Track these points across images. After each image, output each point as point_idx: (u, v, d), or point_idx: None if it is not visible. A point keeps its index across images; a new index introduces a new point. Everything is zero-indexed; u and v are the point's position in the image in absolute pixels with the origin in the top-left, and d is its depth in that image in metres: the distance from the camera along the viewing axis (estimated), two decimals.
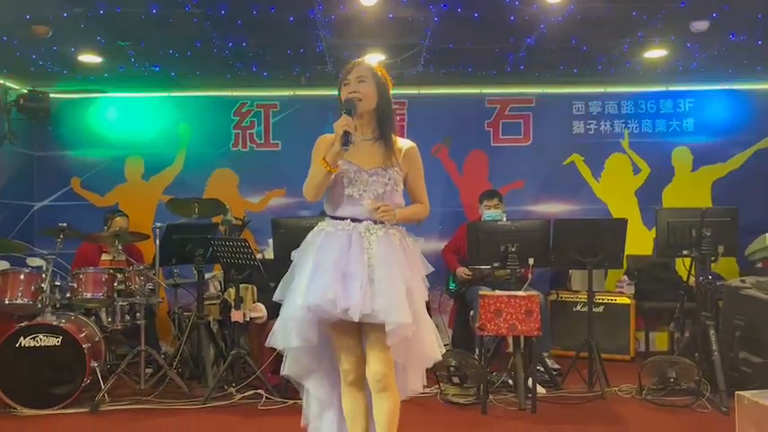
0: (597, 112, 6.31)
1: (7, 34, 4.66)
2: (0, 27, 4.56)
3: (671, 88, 6.25)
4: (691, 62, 5.33)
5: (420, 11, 4.32)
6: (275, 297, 2.61)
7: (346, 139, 2.41)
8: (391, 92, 2.63)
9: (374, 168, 2.54)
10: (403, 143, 2.65)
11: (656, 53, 5.18)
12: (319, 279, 2.42)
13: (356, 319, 2.38)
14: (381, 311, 2.37)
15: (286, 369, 2.61)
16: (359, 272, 2.41)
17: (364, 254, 2.45)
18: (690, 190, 6.18)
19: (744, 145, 6.22)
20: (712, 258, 4.34)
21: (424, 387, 2.75)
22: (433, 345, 2.60)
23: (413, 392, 2.69)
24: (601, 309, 5.55)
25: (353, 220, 2.51)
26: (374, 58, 5.25)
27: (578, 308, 5.48)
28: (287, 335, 2.50)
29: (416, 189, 2.68)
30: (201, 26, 4.52)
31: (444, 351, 2.77)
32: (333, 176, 2.50)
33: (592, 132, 6.31)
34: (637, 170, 6.27)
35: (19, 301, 4.32)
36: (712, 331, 4.19)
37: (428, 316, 2.64)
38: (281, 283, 2.59)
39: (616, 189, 6.25)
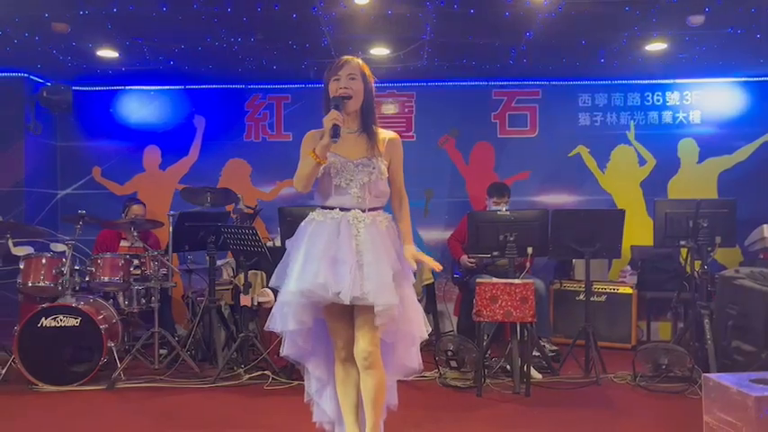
0: (603, 104, 6.34)
1: (29, 31, 4.85)
2: (22, 24, 4.75)
3: (678, 80, 6.26)
4: (692, 55, 5.34)
5: (417, 7, 4.40)
6: (271, 284, 2.78)
7: (335, 132, 2.55)
8: (373, 84, 2.76)
9: (360, 159, 2.68)
10: (386, 134, 2.79)
11: (656, 46, 5.19)
12: (310, 265, 2.56)
13: (347, 302, 2.53)
14: (370, 294, 2.51)
15: (284, 350, 2.77)
16: (348, 257, 2.56)
17: (353, 240, 2.59)
18: (696, 182, 6.20)
19: (751, 137, 6.21)
20: (709, 249, 4.43)
21: (421, 368, 2.86)
22: (419, 324, 2.74)
23: (410, 371, 2.82)
24: (603, 298, 5.65)
25: (342, 209, 2.65)
26: (378, 52, 5.38)
27: (580, 297, 5.55)
28: (284, 318, 2.64)
29: (397, 178, 2.81)
30: (210, 23, 4.65)
31: (430, 330, 2.91)
32: (321, 168, 2.64)
33: (597, 124, 6.34)
34: (642, 162, 6.30)
35: (41, 284, 4.53)
36: (706, 320, 4.29)
37: (415, 297, 2.78)
38: (276, 270, 2.75)
39: (621, 180, 6.29)
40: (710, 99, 6.28)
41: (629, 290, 5.65)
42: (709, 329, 4.25)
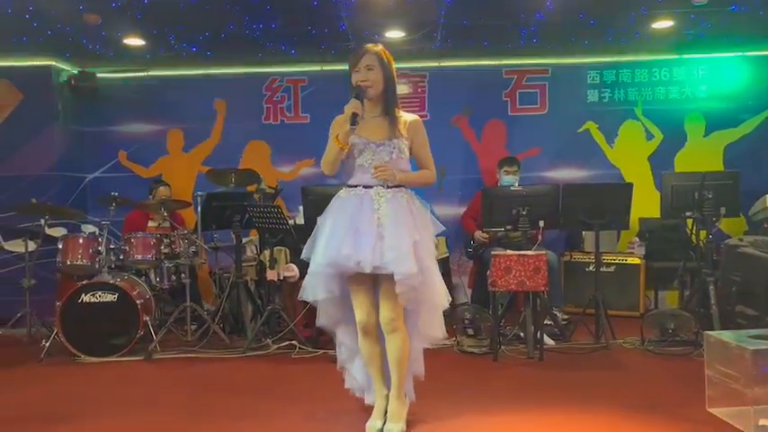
0: (611, 81, 6.47)
1: (62, 22, 5.06)
2: (57, 16, 4.95)
3: (684, 56, 6.37)
4: (698, 31, 5.46)
5: None
6: (302, 256, 2.97)
7: (354, 120, 2.76)
8: (394, 67, 2.95)
9: (381, 140, 2.87)
10: (407, 116, 2.98)
11: (662, 24, 5.31)
12: (335, 238, 2.76)
13: (368, 271, 2.71)
14: (390, 263, 2.69)
15: (319, 320, 2.99)
16: (369, 229, 2.75)
17: (374, 213, 2.78)
18: (702, 155, 6.34)
19: (756, 110, 6.34)
20: (714, 219, 4.61)
21: (445, 335, 3.07)
22: (440, 293, 2.92)
23: (433, 339, 3.02)
24: (612, 269, 5.84)
25: (365, 186, 2.85)
26: (393, 35, 5.53)
27: (590, 268, 5.71)
28: (313, 288, 2.85)
29: (422, 157, 2.99)
30: (233, 10, 4.83)
31: (451, 300, 3.08)
32: (345, 152, 2.83)
33: (606, 100, 6.48)
34: (650, 136, 6.44)
35: (79, 263, 4.77)
36: (711, 287, 4.47)
37: (436, 268, 2.95)
38: (306, 243, 2.95)
39: (629, 155, 6.43)
40: (716, 74, 6.38)
41: (637, 260, 5.84)
42: (714, 295, 4.42)
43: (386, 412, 2.98)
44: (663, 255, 5.88)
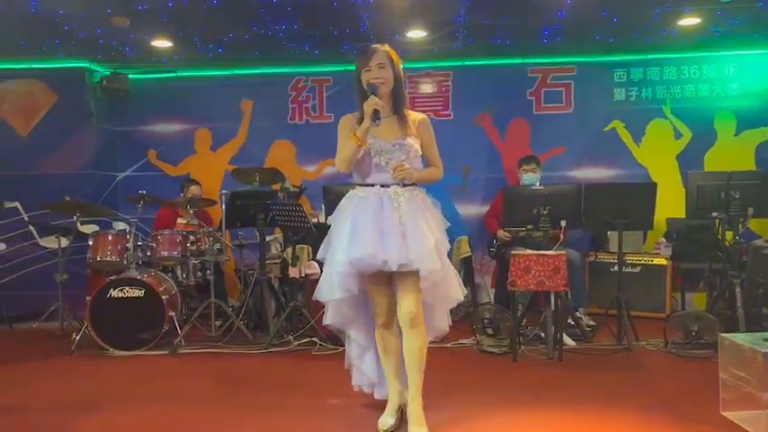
0: (639, 79, 6.38)
1: (92, 25, 5.21)
2: (87, 20, 5.09)
3: (715, 53, 6.25)
4: (726, 28, 5.35)
5: None
6: (318, 256, 3.01)
7: (376, 116, 2.78)
8: (401, 67, 2.96)
9: (396, 140, 2.91)
10: (416, 115, 3.01)
11: (688, 21, 5.22)
12: (359, 237, 2.78)
13: (394, 269, 2.75)
14: (415, 260, 2.74)
15: (328, 319, 3.02)
16: (393, 228, 2.78)
17: (395, 213, 2.82)
18: (733, 154, 6.20)
19: None
20: (741, 219, 4.52)
21: (450, 327, 3.11)
22: (456, 287, 2.98)
23: (440, 331, 3.07)
24: (638, 269, 5.77)
25: (382, 185, 2.88)
26: (415, 35, 5.55)
27: (615, 268, 5.63)
28: (331, 287, 2.87)
29: (430, 154, 3.03)
30: (256, 12, 4.90)
31: (466, 293, 3.14)
32: (362, 149, 2.86)
33: (633, 99, 6.40)
34: (678, 135, 6.34)
35: (108, 259, 4.90)
36: (738, 289, 4.39)
37: (449, 262, 2.99)
38: (322, 244, 2.98)
39: (657, 154, 6.34)
40: (748, 71, 6.25)
41: (663, 261, 5.75)
42: (740, 298, 4.35)
43: (398, 409, 3.03)
44: (690, 256, 5.76)
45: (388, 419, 2.98)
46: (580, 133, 6.42)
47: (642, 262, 5.81)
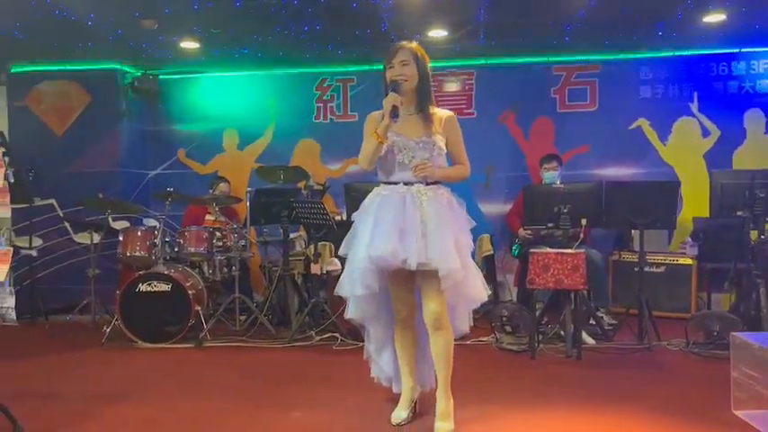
0: (665, 77, 6.31)
1: (121, 28, 5.37)
2: (116, 23, 5.26)
3: (744, 50, 6.14)
4: (753, 24, 5.26)
5: None
6: (340, 252, 3.04)
7: (395, 113, 2.79)
8: (429, 65, 2.95)
9: (420, 137, 2.90)
10: (442, 113, 2.99)
11: (714, 17, 5.14)
12: (381, 234, 2.80)
13: (413, 268, 2.77)
14: (434, 260, 2.75)
15: (349, 313, 3.05)
16: (414, 228, 2.79)
17: (417, 212, 2.82)
18: (763, 152, 6.09)
19: None
20: (765, 219, 4.45)
21: (471, 327, 3.12)
22: (479, 288, 2.96)
23: (460, 332, 3.06)
24: (662, 269, 5.71)
25: (406, 183, 2.88)
26: (436, 34, 5.58)
27: (638, 268, 5.67)
28: (352, 283, 2.90)
29: (456, 152, 3.00)
30: (278, 14, 4.99)
31: (490, 293, 3.11)
32: (384, 147, 2.86)
33: (659, 96, 6.32)
34: (706, 133, 6.25)
35: (137, 254, 5.04)
36: (762, 289, 4.34)
37: (473, 263, 2.98)
38: (344, 240, 3.01)
39: (684, 152, 6.26)
40: None
41: (688, 261, 5.68)
42: (765, 298, 4.29)
43: (411, 403, 3.08)
44: (717, 255, 5.65)
45: (401, 413, 3.03)
46: (605, 131, 6.36)
47: (666, 262, 5.74)
